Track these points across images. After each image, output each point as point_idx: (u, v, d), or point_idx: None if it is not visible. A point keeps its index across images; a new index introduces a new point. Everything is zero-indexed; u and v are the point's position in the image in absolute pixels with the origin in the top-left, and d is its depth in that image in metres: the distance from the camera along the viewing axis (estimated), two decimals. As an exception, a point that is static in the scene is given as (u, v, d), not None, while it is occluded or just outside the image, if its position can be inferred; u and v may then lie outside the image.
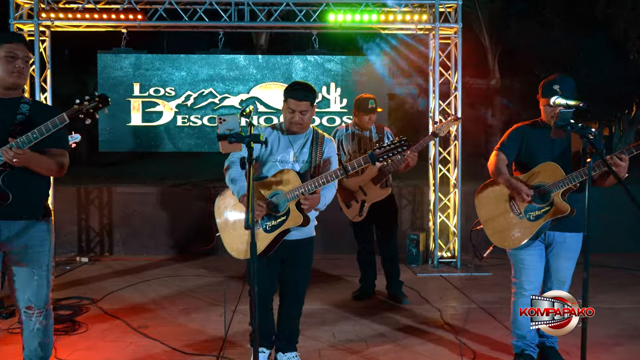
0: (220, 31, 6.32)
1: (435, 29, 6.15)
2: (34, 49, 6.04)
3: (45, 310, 2.81)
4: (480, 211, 3.32)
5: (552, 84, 3.09)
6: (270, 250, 3.00)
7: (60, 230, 6.79)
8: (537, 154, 3.16)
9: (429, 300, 4.95)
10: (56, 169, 2.74)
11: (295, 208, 2.94)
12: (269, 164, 3.11)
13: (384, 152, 2.87)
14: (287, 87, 3.11)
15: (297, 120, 3.03)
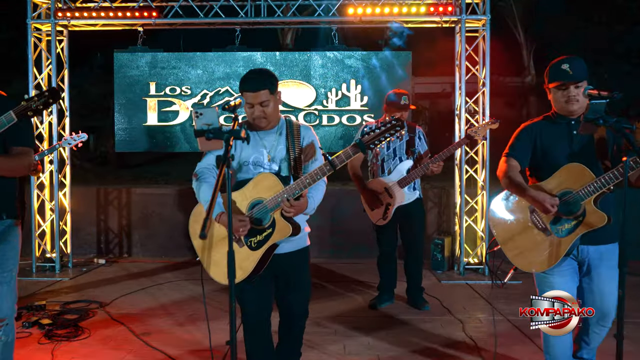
0: (237, 28, 6.13)
1: (462, 22, 5.79)
2: (51, 48, 6.00)
3: (7, 325, 2.60)
4: (496, 230, 2.78)
5: (560, 63, 2.63)
6: (260, 269, 2.59)
7: (79, 231, 6.76)
8: (554, 155, 2.68)
9: (451, 310, 4.61)
10: (18, 168, 2.57)
11: (280, 218, 2.53)
12: (243, 169, 2.68)
13: (374, 137, 2.43)
14: (241, 79, 2.66)
15: (259, 115, 2.57)
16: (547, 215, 2.62)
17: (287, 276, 2.73)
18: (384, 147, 4.49)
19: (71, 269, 6.13)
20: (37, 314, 4.42)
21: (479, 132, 4.32)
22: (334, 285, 5.50)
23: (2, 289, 2.58)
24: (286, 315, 2.82)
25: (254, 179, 2.57)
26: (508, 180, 2.71)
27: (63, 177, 6.22)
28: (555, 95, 2.70)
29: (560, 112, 2.72)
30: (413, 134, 4.54)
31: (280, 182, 2.51)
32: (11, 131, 2.47)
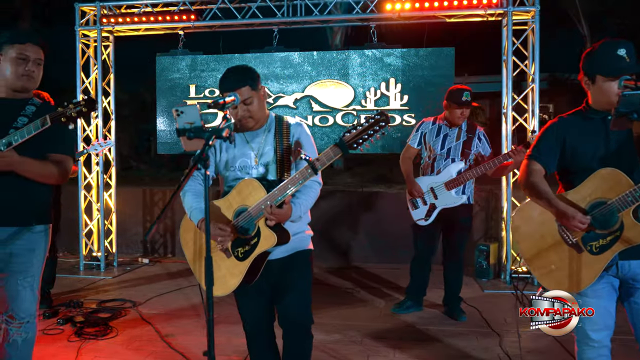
0: (274, 28, 6.08)
1: (508, 14, 5.45)
2: (97, 54, 6.20)
3: (27, 323, 2.63)
4: (521, 245, 2.46)
5: (614, 48, 2.19)
6: (252, 279, 2.45)
7: (126, 231, 6.96)
8: (586, 156, 2.30)
9: (490, 322, 4.31)
10: (51, 175, 2.56)
11: (265, 226, 2.35)
12: (230, 174, 2.53)
13: (356, 135, 2.16)
14: (219, 80, 2.49)
15: (244, 114, 2.41)
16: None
17: (281, 282, 2.56)
18: (438, 146, 4.26)
19: (116, 267, 6.30)
20: (74, 311, 4.54)
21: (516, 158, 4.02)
22: (367, 290, 5.32)
23: (24, 293, 2.62)
24: (285, 325, 2.61)
25: (237, 186, 2.43)
26: (530, 187, 2.38)
27: (109, 178, 6.41)
28: (604, 87, 2.26)
29: (599, 107, 2.32)
30: (472, 135, 4.27)
31: (263, 188, 2.35)
32: (50, 138, 2.52)
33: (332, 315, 4.50)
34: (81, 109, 2.39)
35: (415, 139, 4.41)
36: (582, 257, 2.30)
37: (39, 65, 2.60)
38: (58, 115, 2.39)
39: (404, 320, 4.40)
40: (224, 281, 2.48)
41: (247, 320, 2.65)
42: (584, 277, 2.29)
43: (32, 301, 2.65)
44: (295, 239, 2.49)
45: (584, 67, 2.35)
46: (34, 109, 2.59)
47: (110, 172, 6.40)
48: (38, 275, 2.68)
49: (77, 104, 2.39)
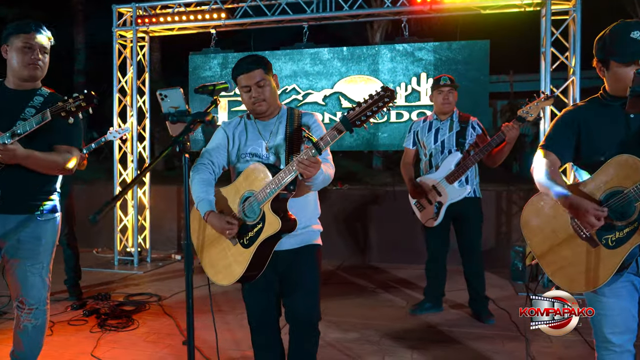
0: (304, 24, 6.04)
1: (547, 4, 5.17)
2: (133, 54, 6.35)
3: (37, 309, 2.68)
4: (531, 240, 2.30)
5: (629, 30, 2.03)
6: (258, 268, 2.38)
7: (161, 227, 7.08)
8: (604, 144, 2.13)
9: (519, 325, 4.07)
10: (56, 166, 2.60)
11: (270, 211, 2.29)
12: (240, 162, 2.51)
13: (360, 112, 2.06)
14: (232, 69, 2.47)
15: (258, 96, 2.39)
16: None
17: (289, 276, 2.50)
18: (431, 141, 4.12)
19: (149, 263, 6.42)
20: (100, 304, 4.64)
21: (531, 112, 3.74)
22: (389, 290, 5.18)
23: (32, 279, 2.67)
24: (290, 321, 2.55)
25: (244, 171, 2.40)
26: (542, 178, 2.21)
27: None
28: (619, 73, 2.10)
29: (616, 93, 2.14)
30: (465, 125, 4.11)
31: (268, 172, 2.30)
32: (56, 130, 2.56)
33: (351, 314, 4.39)
34: (80, 103, 2.41)
35: (410, 140, 4.32)
36: (597, 252, 2.10)
37: (45, 54, 2.64)
38: (58, 110, 2.43)
39: (427, 321, 4.23)
40: (230, 270, 2.43)
41: (252, 313, 2.60)
42: (600, 274, 2.09)
43: (41, 288, 2.70)
44: (304, 232, 2.44)
45: (596, 53, 2.19)
46: (41, 99, 2.63)
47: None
48: (47, 263, 2.73)
49: (76, 98, 2.41)
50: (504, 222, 6.27)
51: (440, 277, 4.34)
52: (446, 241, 4.28)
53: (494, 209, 6.26)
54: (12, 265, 2.65)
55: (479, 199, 4.19)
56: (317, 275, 2.53)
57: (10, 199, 2.58)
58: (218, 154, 2.53)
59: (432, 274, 4.36)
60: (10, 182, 2.56)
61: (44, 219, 2.68)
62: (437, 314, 4.39)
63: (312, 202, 2.53)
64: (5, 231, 2.61)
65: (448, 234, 4.26)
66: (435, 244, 4.28)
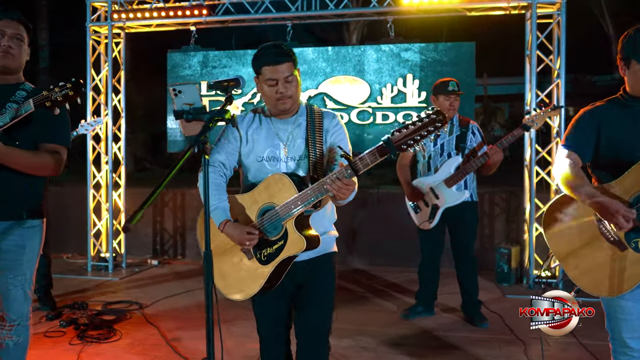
0: (288, 23, 5.90)
1: (532, 7, 5.19)
2: (108, 50, 6.07)
3: (18, 325, 2.45)
4: (554, 243, 2.25)
5: None
6: (275, 282, 2.23)
7: (136, 231, 6.81)
8: (627, 146, 2.11)
9: (514, 329, 4.05)
10: (42, 166, 2.39)
11: (293, 229, 2.11)
12: (255, 165, 2.28)
13: (407, 135, 1.85)
14: (254, 55, 2.22)
15: (284, 92, 2.16)
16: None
17: (306, 287, 2.33)
18: (431, 144, 4.06)
19: (124, 269, 6.15)
20: (77, 313, 4.38)
21: (537, 121, 3.74)
22: (379, 294, 5.10)
23: (14, 292, 2.45)
24: (302, 333, 2.37)
25: (265, 180, 2.19)
26: (568, 179, 2.15)
27: (118, 177, 6.27)
28: (639, 73, 2.10)
29: (637, 93, 2.14)
30: (465, 129, 4.07)
31: (294, 187, 2.10)
32: (42, 126, 2.35)
33: (344, 319, 4.27)
34: (67, 92, 2.18)
35: None
36: (624, 256, 2.08)
37: (19, 41, 2.41)
38: (42, 100, 2.20)
39: (421, 326, 4.16)
40: (245, 285, 2.26)
41: (263, 324, 2.41)
42: (626, 278, 2.07)
43: (23, 302, 2.48)
44: (322, 240, 2.25)
45: (620, 51, 2.18)
46: (24, 94, 2.42)
47: (119, 171, 6.26)
48: (30, 275, 2.51)
49: (63, 86, 2.19)
50: (487, 224, 6.28)
51: (433, 280, 4.29)
52: (441, 244, 4.23)
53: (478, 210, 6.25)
54: None
55: (475, 202, 4.15)
56: (333, 286, 2.39)
57: None
58: (229, 155, 2.31)
59: (425, 277, 4.30)
60: None
61: (29, 226, 2.47)
62: (429, 318, 4.33)
63: (330, 208, 2.37)
64: None
65: (443, 237, 4.21)
66: (430, 247, 4.22)
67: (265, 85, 2.20)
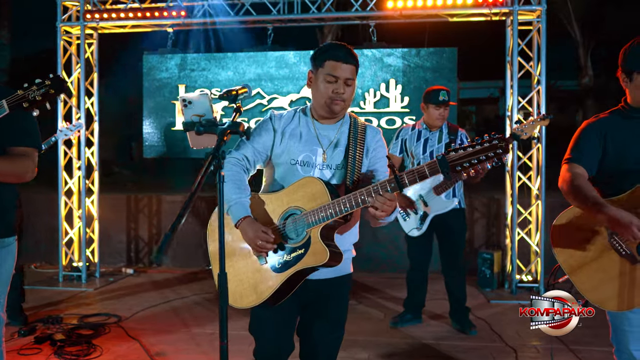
0: (269, 26, 5.80)
1: (514, 13, 5.25)
2: (80, 51, 5.84)
3: None
4: (562, 255, 2.20)
5: None
6: (281, 298, 2.06)
7: (109, 239, 6.57)
8: (633, 158, 2.10)
9: (502, 336, 4.05)
10: (13, 173, 2.17)
11: (318, 238, 1.94)
12: (285, 167, 2.13)
13: (464, 156, 1.74)
14: (320, 48, 2.11)
15: (342, 93, 2.03)
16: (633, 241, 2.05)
17: (318, 307, 2.18)
18: (420, 150, 4.04)
19: (98, 278, 5.91)
20: (52, 328, 4.17)
21: (526, 130, 3.77)
22: (365, 301, 5.04)
23: None
24: (312, 342, 2.21)
25: (295, 182, 2.05)
26: (575, 192, 2.12)
27: (91, 183, 6.03)
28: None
29: (638, 105, 2.15)
30: (454, 136, 4.06)
31: (328, 193, 1.95)
32: (9, 128, 2.12)
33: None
34: (47, 90, 1.95)
35: (397, 147, 4.19)
36: (636, 270, 2.06)
37: None
38: (18, 100, 1.97)
39: (411, 334, 4.12)
40: (247, 293, 2.08)
41: (263, 346, 2.22)
42: (637, 292, 2.04)
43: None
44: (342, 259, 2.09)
45: (621, 64, 2.19)
46: None
47: (92, 177, 6.02)
48: (4, 294, 2.30)
49: (41, 84, 1.96)
50: (467, 229, 6.28)
51: (422, 287, 4.27)
52: (429, 251, 4.21)
53: (458, 216, 6.28)
54: None
55: (463, 209, 4.15)
56: (346, 308, 2.26)
57: None
58: (258, 151, 2.15)
59: (414, 284, 4.27)
60: None
61: (4, 245, 2.25)
62: (418, 325, 4.29)
63: (355, 228, 2.24)
64: None
65: (431, 243, 4.19)
66: (419, 254, 4.19)
67: (323, 81, 2.06)
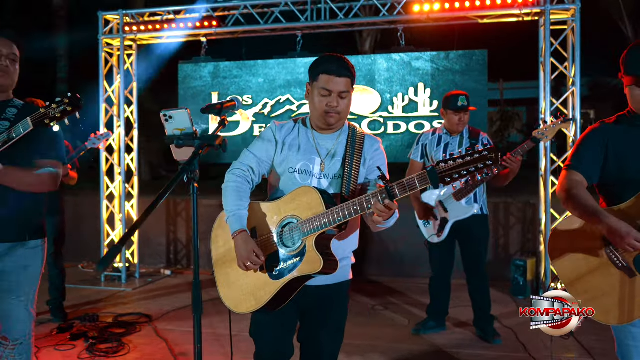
0: (298, 33, 5.89)
1: (546, 13, 5.10)
2: (120, 62, 6.13)
3: (21, 344, 2.46)
4: (559, 266, 2.16)
5: None
6: (280, 303, 2.13)
7: (150, 241, 6.85)
8: (635, 167, 2.04)
9: (527, 346, 3.95)
10: (39, 183, 2.38)
11: (313, 247, 2.00)
12: (285, 175, 2.19)
13: (452, 168, 1.78)
14: (314, 61, 2.17)
15: (335, 106, 2.08)
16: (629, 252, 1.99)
17: (317, 314, 2.24)
18: (440, 156, 3.99)
19: (137, 279, 6.18)
20: (88, 326, 4.40)
21: (547, 134, 3.65)
22: (389, 306, 5.02)
23: (17, 313, 2.46)
24: (312, 349, 2.28)
25: (292, 192, 2.11)
26: (572, 200, 2.07)
27: (131, 187, 6.32)
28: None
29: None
30: (475, 141, 3.99)
31: (322, 203, 2.01)
32: (36, 143, 2.36)
33: (355, 335, 4.21)
34: (65, 107, 2.18)
35: (417, 152, 4.14)
36: (634, 282, 1.98)
37: (13, 62, 2.43)
38: (41, 117, 2.20)
39: (432, 342, 4.08)
40: (247, 298, 2.17)
41: (263, 350, 2.30)
42: (637, 306, 1.97)
43: (26, 321, 2.49)
44: (340, 267, 2.14)
45: (623, 69, 2.11)
46: (15, 111, 2.42)
47: (132, 182, 6.31)
48: (33, 294, 2.52)
49: (60, 102, 2.19)
50: (502, 235, 6.16)
51: (444, 294, 4.22)
52: (451, 258, 4.16)
53: (492, 221, 6.13)
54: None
55: (486, 216, 4.07)
56: (346, 316, 2.31)
57: None
58: (261, 161, 2.23)
59: (436, 291, 4.23)
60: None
61: (32, 246, 2.47)
62: (441, 333, 4.25)
63: (354, 235, 2.27)
64: None
65: (453, 250, 4.14)
66: (440, 261, 4.16)
67: (318, 94, 2.13)
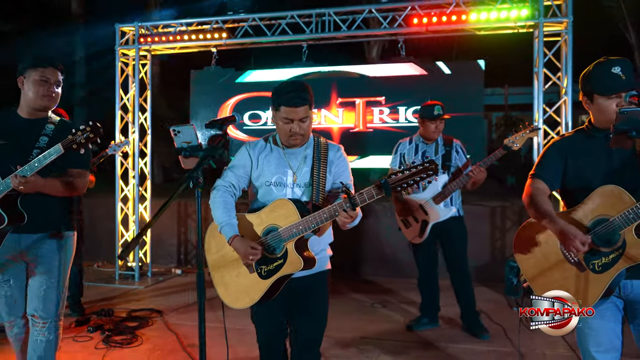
0: (303, 44, 6.18)
1: (539, 25, 5.34)
2: (135, 72, 6.47)
3: (50, 324, 2.82)
4: (523, 264, 2.42)
5: (609, 66, 2.19)
6: (272, 296, 2.50)
7: (162, 242, 7.18)
8: (589, 175, 2.27)
9: (514, 341, 4.19)
10: (71, 189, 2.81)
11: (293, 250, 2.37)
12: (262, 188, 2.54)
13: (402, 179, 2.16)
14: (275, 90, 2.45)
15: (297, 131, 2.41)
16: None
17: (299, 303, 2.59)
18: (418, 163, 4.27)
19: (150, 278, 6.51)
20: (104, 320, 4.72)
21: (517, 142, 3.96)
22: (392, 306, 5.27)
23: (49, 293, 2.83)
24: (296, 345, 2.63)
25: (271, 204, 2.45)
26: (534, 206, 2.33)
27: (144, 190, 6.65)
28: (602, 106, 2.26)
29: (601, 125, 2.30)
30: (450, 148, 4.29)
31: (297, 212, 2.36)
32: (69, 155, 2.72)
33: (351, 329, 4.49)
34: (88, 135, 2.56)
35: (396, 161, 4.43)
36: (585, 276, 2.24)
37: (58, 87, 2.83)
38: (69, 143, 2.59)
39: (424, 337, 4.34)
40: (244, 295, 2.53)
41: (262, 334, 2.70)
42: (588, 297, 2.23)
43: (56, 303, 2.85)
44: (318, 259, 2.49)
45: (582, 87, 2.35)
46: (52, 127, 2.83)
47: (145, 185, 6.64)
48: (63, 280, 2.88)
49: (83, 130, 2.56)
50: (499, 237, 6.39)
51: (433, 292, 4.49)
52: (435, 256, 4.45)
53: (489, 224, 6.39)
54: (31, 281, 2.83)
55: (462, 217, 4.37)
56: (326, 302, 2.64)
57: (33, 220, 2.76)
58: (240, 177, 2.57)
59: (425, 289, 4.51)
60: (33, 205, 2.75)
61: (65, 236, 2.89)
62: (433, 329, 4.49)
63: (328, 231, 2.60)
64: (27, 247, 2.80)
65: (436, 249, 4.43)
66: (425, 260, 4.44)
67: (281, 122, 2.44)
